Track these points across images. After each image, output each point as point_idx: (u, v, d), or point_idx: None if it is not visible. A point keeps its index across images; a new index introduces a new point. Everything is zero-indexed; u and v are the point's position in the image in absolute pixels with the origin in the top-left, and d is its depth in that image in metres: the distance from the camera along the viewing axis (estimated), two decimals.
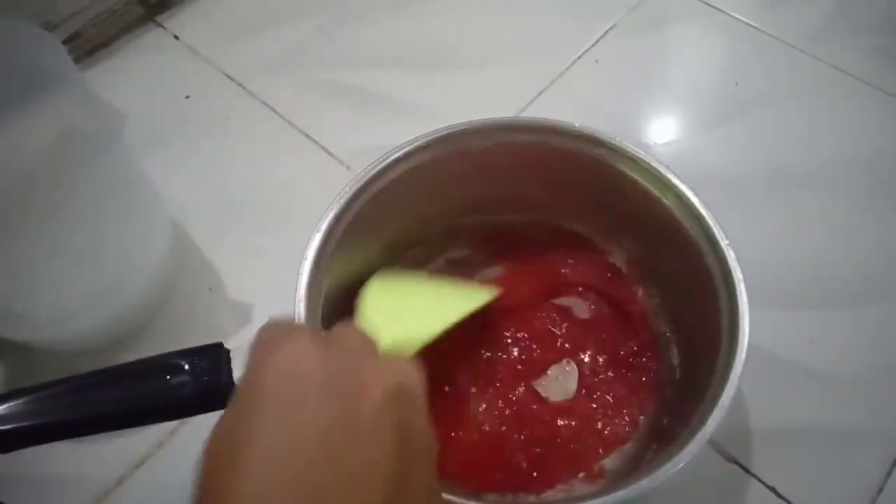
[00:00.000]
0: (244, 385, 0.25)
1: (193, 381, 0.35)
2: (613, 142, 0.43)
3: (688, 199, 0.41)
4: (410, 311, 0.39)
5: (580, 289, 0.48)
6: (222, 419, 0.25)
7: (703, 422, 0.34)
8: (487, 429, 0.43)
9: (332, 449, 0.23)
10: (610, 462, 0.42)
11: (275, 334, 0.27)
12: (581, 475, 0.42)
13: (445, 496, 0.32)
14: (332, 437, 0.23)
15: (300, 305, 0.38)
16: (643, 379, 0.45)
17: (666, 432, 0.40)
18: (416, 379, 0.27)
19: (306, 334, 0.27)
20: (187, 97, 0.64)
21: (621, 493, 0.31)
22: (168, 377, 0.34)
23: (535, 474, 0.42)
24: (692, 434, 0.33)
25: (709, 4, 0.70)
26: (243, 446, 0.23)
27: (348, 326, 0.30)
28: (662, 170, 0.42)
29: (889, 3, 0.70)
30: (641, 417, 0.44)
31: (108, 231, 0.47)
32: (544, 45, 0.67)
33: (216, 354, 0.36)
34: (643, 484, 0.32)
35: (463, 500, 0.32)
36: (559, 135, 0.44)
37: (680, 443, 0.33)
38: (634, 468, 0.40)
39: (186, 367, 0.35)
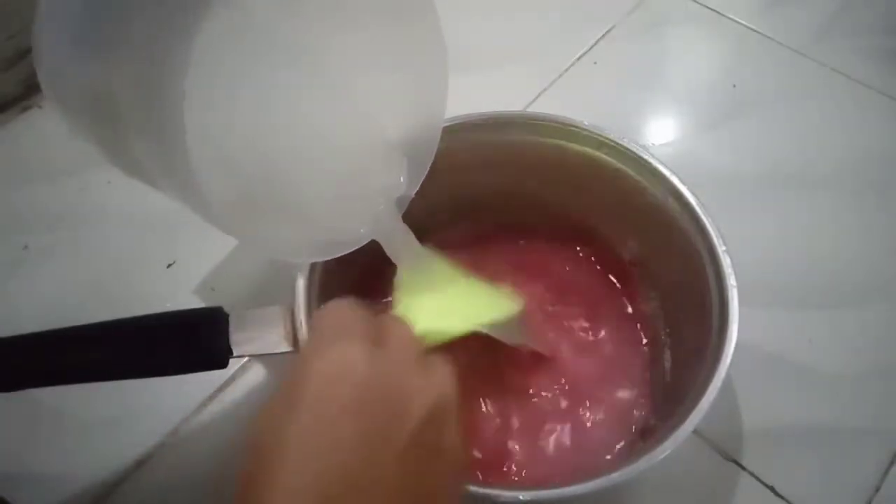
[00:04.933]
0: (290, 380, 0.27)
1: (192, 342, 0.36)
2: (619, 142, 0.43)
3: (688, 202, 0.41)
4: (444, 301, 0.39)
5: (582, 289, 0.49)
6: (267, 406, 0.26)
7: (681, 423, 0.34)
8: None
9: (362, 471, 0.24)
10: None
11: (330, 327, 0.29)
12: None
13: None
14: (366, 455, 0.25)
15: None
16: (637, 382, 0.45)
17: (652, 432, 0.41)
18: (453, 390, 0.29)
19: (359, 335, 0.28)
20: None
21: (590, 485, 0.32)
22: (167, 335, 0.36)
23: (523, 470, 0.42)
24: (670, 433, 0.34)
25: (706, 7, 0.70)
26: (279, 448, 0.24)
27: (397, 324, 0.31)
28: (666, 172, 0.42)
29: (887, 4, 0.70)
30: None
31: None
32: (543, 46, 0.67)
33: (215, 318, 0.37)
34: (613, 477, 0.32)
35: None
36: (567, 133, 0.44)
37: (656, 441, 0.34)
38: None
39: (186, 326, 0.36)
